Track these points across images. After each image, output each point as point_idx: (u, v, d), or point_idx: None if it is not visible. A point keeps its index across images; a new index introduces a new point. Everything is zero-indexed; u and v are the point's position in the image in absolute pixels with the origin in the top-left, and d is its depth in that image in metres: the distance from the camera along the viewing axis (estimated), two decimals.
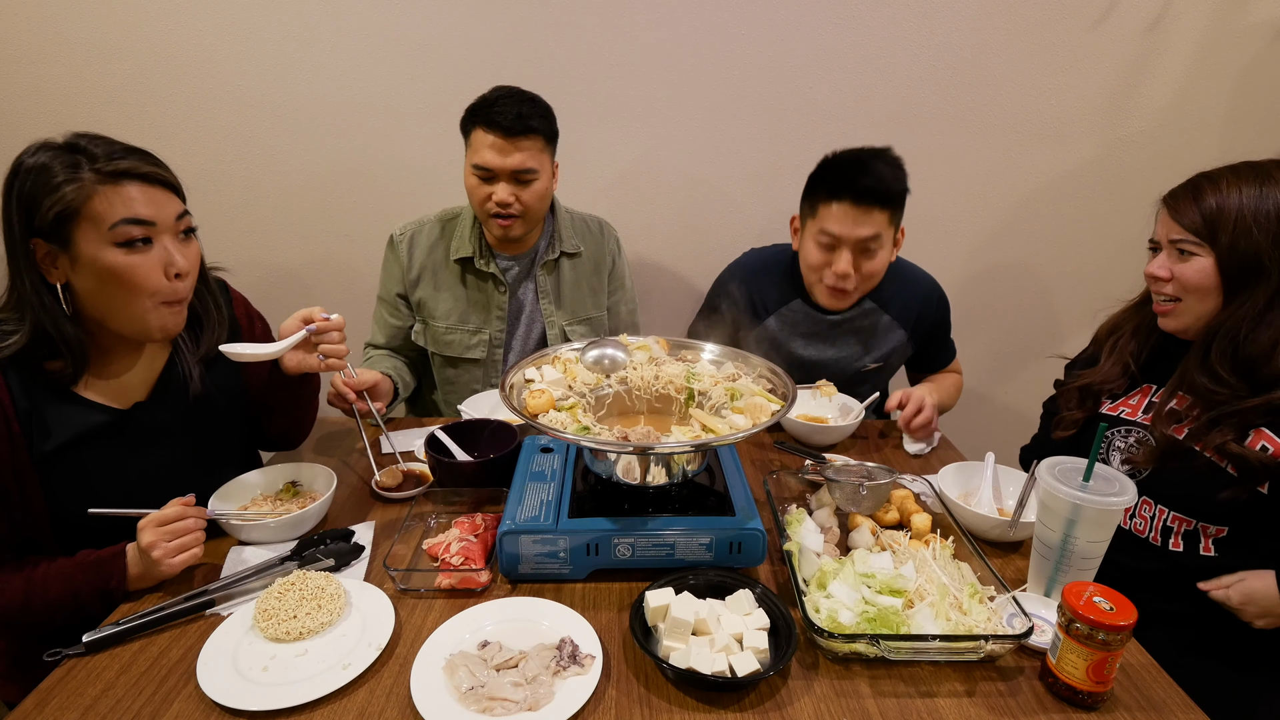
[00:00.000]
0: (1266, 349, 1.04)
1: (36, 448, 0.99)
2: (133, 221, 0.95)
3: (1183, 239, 1.09)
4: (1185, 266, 1.09)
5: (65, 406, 1.02)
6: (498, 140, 1.42)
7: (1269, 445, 1.04)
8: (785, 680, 0.84)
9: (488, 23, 1.82)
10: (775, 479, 1.18)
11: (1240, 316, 1.05)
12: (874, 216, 1.41)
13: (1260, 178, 1.05)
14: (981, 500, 1.18)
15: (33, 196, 0.93)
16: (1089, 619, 0.77)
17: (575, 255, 1.68)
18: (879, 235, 1.43)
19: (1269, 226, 1.02)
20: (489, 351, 1.65)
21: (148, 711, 0.80)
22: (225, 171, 1.94)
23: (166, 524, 0.96)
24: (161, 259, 0.99)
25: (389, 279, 1.65)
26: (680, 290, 2.14)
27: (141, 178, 0.97)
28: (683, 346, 1.24)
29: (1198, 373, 1.09)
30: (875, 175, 1.40)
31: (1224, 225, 1.04)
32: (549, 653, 0.85)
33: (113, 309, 0.99)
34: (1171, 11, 1.84)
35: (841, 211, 1.42)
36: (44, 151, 0.94)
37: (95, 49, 1.81)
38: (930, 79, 1.90)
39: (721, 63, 1.88)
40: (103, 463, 1.05)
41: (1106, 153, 1.99)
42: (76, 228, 0.94)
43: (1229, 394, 1.06)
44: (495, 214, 1.48)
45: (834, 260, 1.46)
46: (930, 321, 1.64)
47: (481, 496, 1.16)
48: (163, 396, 1.11)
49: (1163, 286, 1.14)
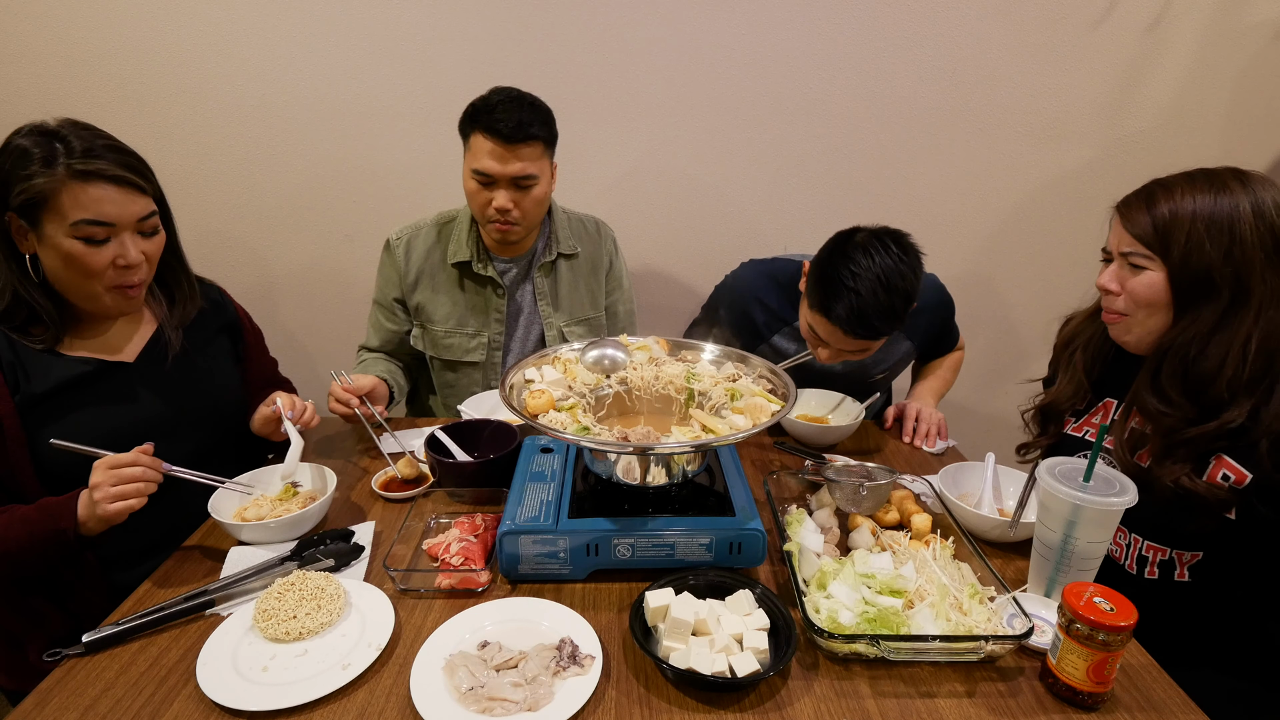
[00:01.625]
0: (1214, 370, 1.00)
1: (20, 394, 1.05)
2: (93, 222, 1.02)
3: (1134, 251, 1.05)
4: (1136, 280, 1.06)
5: (50, 360, 1.09)
6: (497, 147, 1.41)
7: (1229, 473, 1.00)
8: (785, 680, 0.84)
9: (487, 23, 1.82)
10: (775, 479, 1.18)
11: (1190, 335, 1.02)
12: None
13: (1215, 187, 1.00)
14: (981, 500, 1.18)
15: (9, 178, 1.00)
16: (1089, 619, 0.77)
17: (572, 256, 1.67)
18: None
19: (1220, 240, 0.98)
20: (488, 354, 1.65)
21: (148, 711, 0.80)
22: (225, 171, 1.94)
23: (117, 468, 0.99)
24: (114, 252, 1.05)
25: (385, 283, 1.65)
26: (679, 292, 2.13)
27: (111, 179, 1.03)
28: (683, 346, 1.24)
29: (1147, 393, 1.06)
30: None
31: (1176, 236, 1.00)
32: (549, 653, 0.85)
33: (70, 287, 1.08)
34: (1171, 11, 1.84)
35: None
36: (31, 135, 1.02)
37: (95, 49, 1.81)
38: (930, 79, 1.90)
39: (722, 63, 1.88)
40: (86, 415, 1.10)
41: (1106, 153, 1.99)
42: (43, 214, 1.01)
43: (1179, 417, 1.03)
44: (495, 219, 1.48)
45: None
46: (935, 325, 1.64)
47: (481, 496, 1.16)
48: (148, 359, 1.19)
49: (1113, 301, 1.10)
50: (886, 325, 1.29)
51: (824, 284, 1.31)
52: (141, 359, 1.18)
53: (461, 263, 1.59)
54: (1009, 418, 2.28)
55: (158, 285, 1.22)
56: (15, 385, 1.05)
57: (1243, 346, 0.98)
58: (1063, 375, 1.23)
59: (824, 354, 1.41)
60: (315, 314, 2.14)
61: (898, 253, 1.28)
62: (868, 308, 1.26)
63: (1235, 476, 1.00)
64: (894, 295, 1.26)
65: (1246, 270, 0.98)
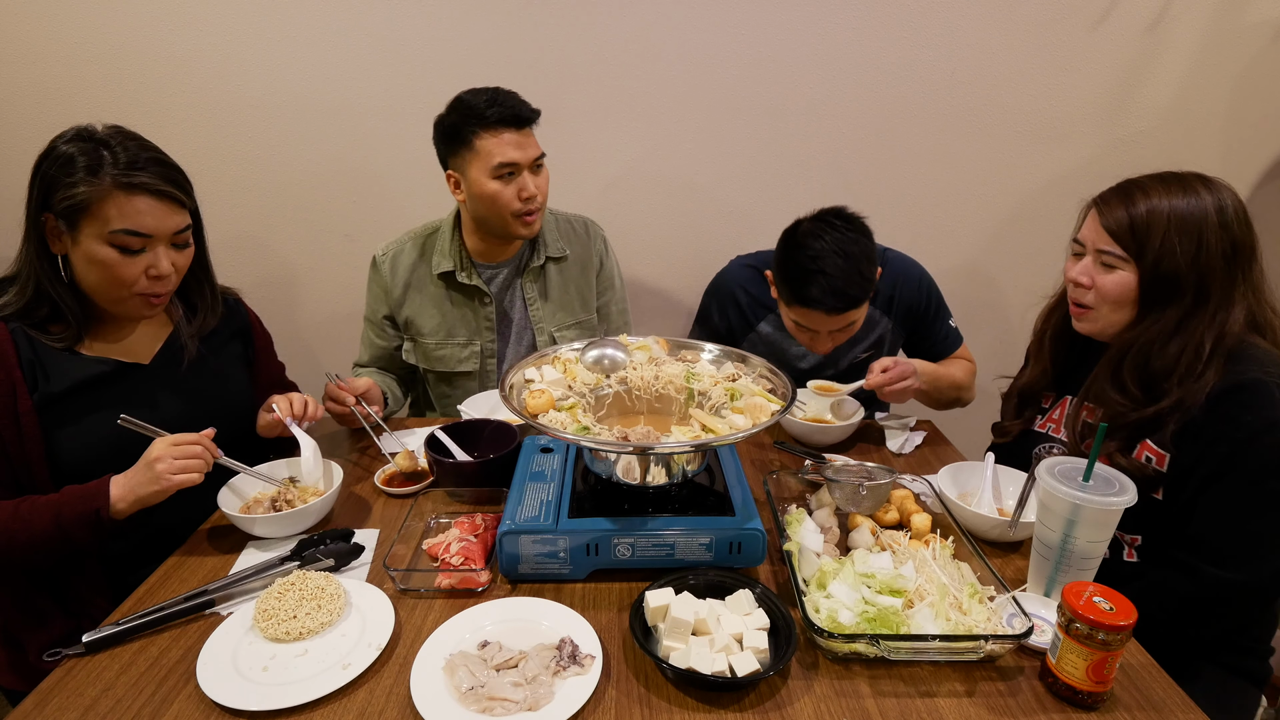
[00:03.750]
0: (1170, 366, 1.06)
1: (38, 392, 1.06)
2: (131, 233, 1.04)
3: (1109, 250, 1.09)
4: (1107, 278, 1.10)
5: (68, 359, 1.10)
6: (515, 135, 1.44)
7: (1150, 455, 1.08)
8: (785, 680, 0.84)
9: (486, 23, 1.82)
10: (775, 479, 1.18)
11: (1153, 334, 1.07)
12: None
13: (1185, 191, 1.05)
14: (981, 500, 1.18)
15: (53, 182, 1.02)
16: (1089, 619, 0.77)
17: (561, 259, 1.67)
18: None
19: (1189, 244, 1.03)
20: (481, 363, 1.65)
21: (148, 711, 0.80)
22: (225, 171, 1.94)
23: (181, 445, 1.04)
24: (147, 262, 1.07)
25: (374, 300, 1.65)
26: (674, 293, 2.13)
27: (154, 192, 1.05)
28: (683, 346, 1.24)
29: (1107, 385, 1.12)
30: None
31: (1152, 238, 1.05)
32: (549, 653, 0.85)
33: (98, 290, 1.09)
34: (1171, 11, 1.84)
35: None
36: (76, 141, 1.03)
37: (96, 49, 1.80)
38: (930, 79, 1.90)
39: (718, 64, 1.88)
40: (100, 414, 1.10)
41: (1106, 153, 1.99)
42: (83, 219, 1.03)
43: (1130, 406, 1.09)
44: (527, 209, 1.49)
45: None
46: (912, 304, 1.64)
47: (481, 496, 1.16)
48: (164, 362, 1.20)
49: (1083, 294, 1.15)
50: (860, 290, 1.38)
51: (790, 278, 1.41)
52: (157, 361, 1.19)
53: (446, 273, 1.59)
54: None
55: (179, 295, 1.23)
56: (34, 383, 1.07)
57: (1196, 346, 1.04)
58: (1034, 363, 1.32)
59: (820, 345, 1.48)
60: (315, 313, 2.14)
61: (843, 225, 1.39)
62: (837, 281, 1.35)
63: (1155, 458, 1.08)
64: (855, 261, 1.37)
65: (1209, 274, 1.04)
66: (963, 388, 1.62)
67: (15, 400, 1.05)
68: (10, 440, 1.04)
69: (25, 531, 0.99)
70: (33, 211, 1.05)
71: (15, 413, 1.04)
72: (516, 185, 1.46)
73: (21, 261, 1.08)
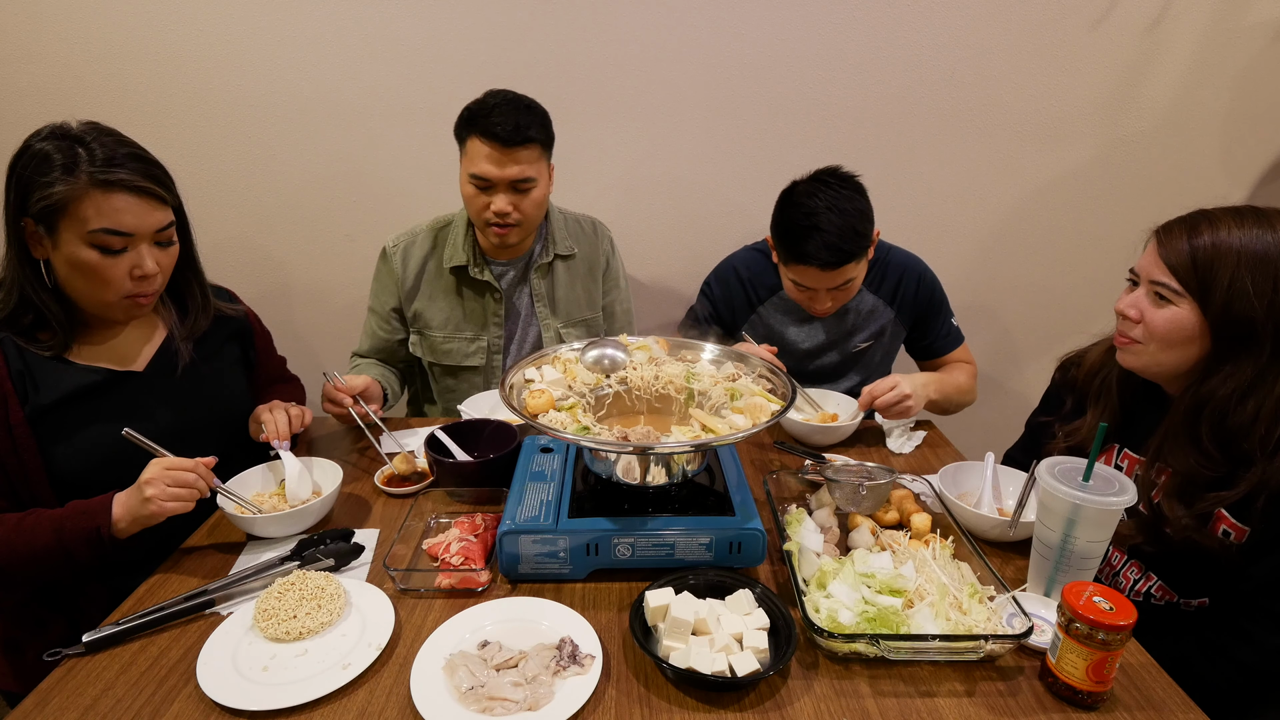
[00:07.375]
0: (1247, 423, 0.96)
1: (30, 404, 1.04)
2: (111, 232, 1.01)
3: (1165, 283, 0.99)
4: (1158, 313, 1.01)
5: (59, 368, 1.08)
6: (495, 151, 1.40)
7: (1229, 529, 1.00)
8: (785, 680, 0.84)
9: (487, 23, 1.82)
10: (775, 479, 1.18)
11: (1230, 389, 0.97)
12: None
13: (1263, 226, 0.94)
14: (981, 500, 1.18)
15: (29, 183, 0.99)
16: (1089, 619, 0.77)
17: (569, 257, 1.67)
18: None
19: (1265, 287, 0.92)
20: (488, 358, 1.65)
21: (148, 711, 0.80)
22: (225, 171, 1.94)
23: (174, 470, 1.00)
24: (131, 261, 1.04)
25: (382, 291, 1.64)
26: (677, 292, 2.13)
27: (133, 189, 1.01)
28: (683, 346, 1.24)
29: (1188, 450, 1.01)
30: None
31: (1219, 275, 0.94)
32: (549, 652, 0.85)
33: (82, 294, 1.07)
34: (1171, 11, 1.84)
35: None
36: (51, 139, 1.00)
37: (95, 49, 1.80)
38: (930, 79, 1.90)
39: (721, 64, 1.88)
40: (94, 424, 1.08)
41: (1106, 153, 1.99)
42: (61, 220, 1.00)
43: (1208, 465, 0.99)
44: (494, 224, 1.48)
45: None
46: (915, 299, 1.65)
47: (481, 496, 1.16)
48: (158, 369, 1.18)
49: (1130, 328, 1.06)
50: (855, 245, 1.41)
51: (787, 236, 1.45)
52: (151, 368, 1.17)
53: (458, 267, 1.59)
54: (1008, 418, 2.29)
55: (170, 295, 1.20)
56: (24, 395, 1.04)
57: (1275, 405, 0.95)
58: (1095, 406, 1.17)
59: (819, 303, 1.51)
60: (315, 313, 2.14)
61: (837, 183, 1.43)
62: (831, 237, 1.39)
63: (1234, 532, 1.00)
64: (850, 217, 1.40)
65: None
66: (967, 391, 1.64)
67: (7, 412, 1.02)
68: (5, 453, 1.02)
69: (27, 545, 0.97)
70: (11, 216, 1.02)
71: (8, 425, 1.02)
72: (488, 198, 1.45)
73: (4, 268, 1.05)
